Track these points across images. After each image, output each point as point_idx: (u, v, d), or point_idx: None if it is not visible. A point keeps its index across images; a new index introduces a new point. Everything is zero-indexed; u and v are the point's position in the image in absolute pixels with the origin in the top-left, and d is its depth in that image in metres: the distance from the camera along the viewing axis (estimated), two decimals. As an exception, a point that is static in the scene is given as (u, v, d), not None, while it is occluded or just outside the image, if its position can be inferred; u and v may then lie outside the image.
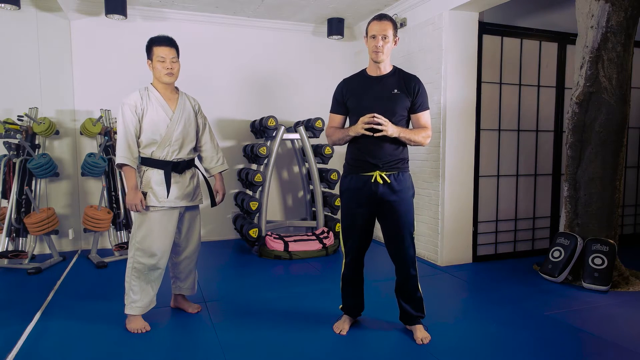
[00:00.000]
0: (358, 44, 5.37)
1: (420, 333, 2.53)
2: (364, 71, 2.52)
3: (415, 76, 2.46)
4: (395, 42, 2.40)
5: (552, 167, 4.49)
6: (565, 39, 4.37)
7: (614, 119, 3.45)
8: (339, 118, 2.57)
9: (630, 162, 4.92)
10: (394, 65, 2.50)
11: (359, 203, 2.46)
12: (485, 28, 4.05)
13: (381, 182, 2.38)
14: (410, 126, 2.53)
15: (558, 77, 4.41)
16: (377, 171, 2.38)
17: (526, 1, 4.34)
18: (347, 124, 2.59)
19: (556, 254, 3.62)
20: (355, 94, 2.46)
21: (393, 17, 2.73)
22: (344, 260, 2.64)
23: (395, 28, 2.39)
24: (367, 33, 2.41)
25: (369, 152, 2.39)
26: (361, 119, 2.34)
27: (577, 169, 3.63)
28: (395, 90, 2.39)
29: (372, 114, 2.29)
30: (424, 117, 2.45)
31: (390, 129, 2.29)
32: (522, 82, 4.27)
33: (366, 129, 2.32)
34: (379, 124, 2.29)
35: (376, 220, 2.58)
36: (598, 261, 3.40)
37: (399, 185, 2.41)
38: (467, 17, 3.92)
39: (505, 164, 4.28)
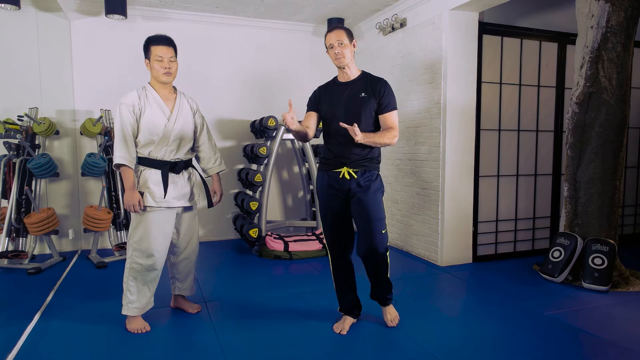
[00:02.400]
0: (358, 44, 5.37)
1: (391, 314, 2.72)
2: (335, 79, 2.66)
3: (382, 79, 2.57)
4: (354, 45, 2.54)
5: (552, 167, 4.49)
6: (565, 39, 4.37)
7: (614, 119, 3.45)
8: (309, 115, 2.66)
9: (630, 162, 4.92)
10: (362, 70, 2.62)
11: (332, 198, 2.57)
12: (485, 28, 4.05)
13: (348, 177, 2.51)
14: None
15: (558, 77, 4.41)
16: (345, 167, 2.51)
17: (526, 1, 4.34)
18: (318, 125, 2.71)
19: (556, 254, 3.61)
20: (326, 99, 2.60)
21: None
22: (330, 258, 2.71)
23: (350, 35, 2.53)
24: (326, 47, 2.55)
25: (338, 151, 2.53)
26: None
27: (577, 169, 3.63)
28: (363, 94, 2.50)
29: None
30: (391, 117, 2.52)
31: (359, 137, 2.33)
32: (522, 82, 4.27)
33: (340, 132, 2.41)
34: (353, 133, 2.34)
35: None
36: (598, 261, 3.40)
37: (365, 181, 2.51)
38: (467, 17, 3.92)
39: (505, 164, 4.28)
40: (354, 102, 2.51)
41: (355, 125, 2.32)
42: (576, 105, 3.55)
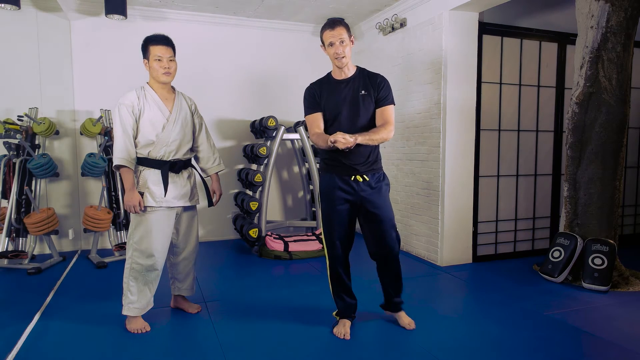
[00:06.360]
0: (358, 44, 5.37)
1: (407, 319, 2.70)
2: (329, 75, 2.57)
3: (379, 74, 2.53)
4: (352, 42, 2.47)
5: (552, 167, 4.49)
6: (565, 39, 4.37)
7: (614, 119, 3.45)
8: (318, 116, 2.52)
9: (630, 162, 4.92)
10: (357, 66, 2.55)
11: (340, 200, 2.50)
12: (485, 28, 4.05)
13: (361, 180, 2.47)
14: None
15: (558, 77, 4.41)
16: (357, 173, 2.47)
17: (526, 1, 4.34)
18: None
19: (556, 254, 3.61)
20: (328, 99, 2.50)
21: (346, 21, 2.73)
22: (329, 263, 2.63)
23: (349, 30, 2.46)
24: (323, 42, 2.49)
25: (345, 155, 2.43)
26: (329, 138, 2.25)
27: (577, 169, 3.62)
28: (363, 92, 2.46)
29: (335, 136, 2.23)
30: (387, 111, 2.46)
31: (352, 141, 2.25)
32: (522, 82, 4.27)
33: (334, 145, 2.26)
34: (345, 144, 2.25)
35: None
36: (598, 261, 3.40)
37: (375, 182, 2.51)
38: (467, 17, 3.92)
39: (505, 164, 4.28)
40: (355, 101, 2.45)
41: (340, 133, 2.24)
42: (576, 106, 3.55)
